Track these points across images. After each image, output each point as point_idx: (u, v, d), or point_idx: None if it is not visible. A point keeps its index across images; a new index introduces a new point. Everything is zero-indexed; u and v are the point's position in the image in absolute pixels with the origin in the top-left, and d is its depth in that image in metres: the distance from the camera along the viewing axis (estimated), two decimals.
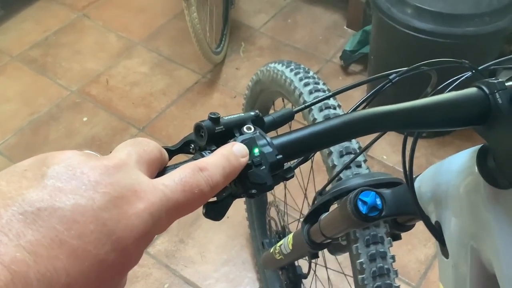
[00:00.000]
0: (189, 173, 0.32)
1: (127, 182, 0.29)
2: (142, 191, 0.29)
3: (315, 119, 0.90)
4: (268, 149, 0.37)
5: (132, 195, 0.29)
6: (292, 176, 0.40)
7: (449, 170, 0.50)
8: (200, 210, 0.39)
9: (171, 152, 0.39)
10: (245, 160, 0.36)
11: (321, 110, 0.90)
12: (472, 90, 0.42)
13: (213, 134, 0.38)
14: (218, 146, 0.37)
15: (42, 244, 0.25)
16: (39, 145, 1.87)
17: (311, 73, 0.99)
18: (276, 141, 0.38)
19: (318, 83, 0.96)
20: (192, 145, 0.39)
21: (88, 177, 0.28)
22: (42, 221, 0.26)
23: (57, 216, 0.26)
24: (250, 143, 0.37)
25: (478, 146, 0.45)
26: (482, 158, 0.44)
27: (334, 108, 0.91)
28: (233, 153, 0.35)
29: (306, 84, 0.96)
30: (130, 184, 0.29)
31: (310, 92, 0.94)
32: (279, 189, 1.27)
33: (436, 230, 0.51)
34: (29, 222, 0.26)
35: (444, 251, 0.51)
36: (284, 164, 0.38)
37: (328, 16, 2.32)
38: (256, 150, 0.37)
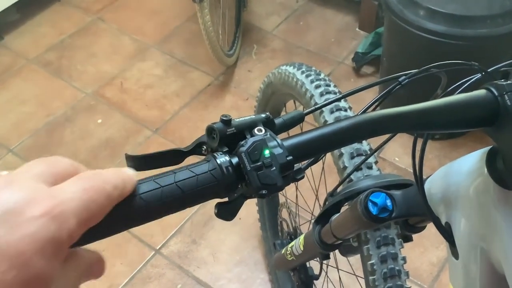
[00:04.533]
0: (85, 175, 0.32)
1: (18, 195, 0.29)
2: (39, 198, 0.29)
3: (326, 121, 0.90)
4: (278, 151, 0.38)
5: (25, 205, 0.28)
6: (302, 177, 0.40)
7: (459, 172, 0.50)
8: (213, 211, 0.39)
9: (184, 154, 0.40)
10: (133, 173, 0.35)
11: (332, 112, 0.91)
12: (481, 92, 0.43)
13: (224, 136, 0.39)
14: (229, 148, 0.38)
15: None
16: (54, 147, 1.89)
17: (322, 75, 1.00)
18: (286, 143, 0.39)
19: (329, 85, 0.97)
20: (204, 147, 0.40)
21: None
22: None
23: None
24: (260, 145, 0.38)
25: (488, 148, 0.45)
26: (491, 160, 0.44)
27: (345, 110, 0.91)
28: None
29: (317, 86, 0.96)
30: (23, 195, 0.29)
31: (321, 94, 0.95)
32: (290, 190, 1.28)
33: (446, 231, 0.52)
34: None
35: (454, 252, 0.51)
36: (294, 165, 0.39)
37: (340, 18, 2.32)
38: (267, 152, 0.38)
